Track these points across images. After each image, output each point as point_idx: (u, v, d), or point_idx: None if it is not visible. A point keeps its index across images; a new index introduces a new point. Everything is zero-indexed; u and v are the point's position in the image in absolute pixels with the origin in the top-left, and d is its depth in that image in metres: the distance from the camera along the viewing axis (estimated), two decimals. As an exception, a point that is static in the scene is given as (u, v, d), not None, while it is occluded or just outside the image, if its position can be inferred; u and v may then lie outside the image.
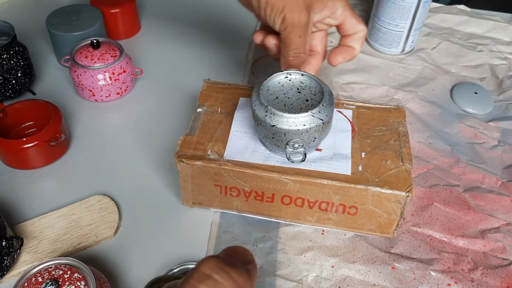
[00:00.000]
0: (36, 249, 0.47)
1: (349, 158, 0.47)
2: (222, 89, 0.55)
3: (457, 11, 0.82)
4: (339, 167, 0.47)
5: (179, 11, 0.82)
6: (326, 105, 0.44)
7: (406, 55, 0.74)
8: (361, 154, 0.48)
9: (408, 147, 0.49)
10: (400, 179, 0.46)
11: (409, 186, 0.45)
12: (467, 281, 0.47)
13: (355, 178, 0.46)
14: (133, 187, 0.54)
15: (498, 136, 0.62)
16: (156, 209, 0.52)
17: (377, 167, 0.47)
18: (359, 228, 0.49)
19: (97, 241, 0.48)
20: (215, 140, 0.49)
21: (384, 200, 0.46)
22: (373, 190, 0.45)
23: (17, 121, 0.58)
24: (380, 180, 0.46)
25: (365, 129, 0.51)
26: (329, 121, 0.45)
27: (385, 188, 0.45)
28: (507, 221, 0.52)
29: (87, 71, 0.61)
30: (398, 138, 0.49)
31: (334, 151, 0.48)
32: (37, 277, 0.40)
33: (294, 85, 0.46)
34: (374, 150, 0.48)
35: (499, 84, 0.70)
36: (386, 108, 0.53)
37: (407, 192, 0.45)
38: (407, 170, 0.46)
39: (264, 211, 0.50)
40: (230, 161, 0.47)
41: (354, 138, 0.50)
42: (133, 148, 0.59)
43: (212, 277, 0.25)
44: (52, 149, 0.55)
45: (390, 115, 0.52)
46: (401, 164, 0.47)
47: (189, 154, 0.48)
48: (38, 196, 0.53)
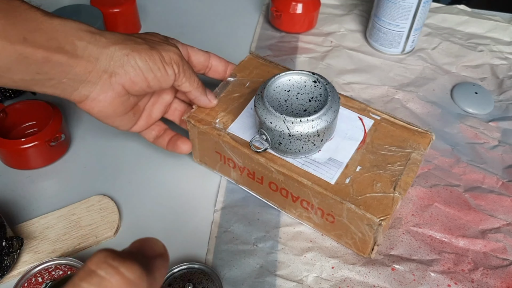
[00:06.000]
0: (36, 249, 0.47)
1: (341, 168, 0.46)
2: (261, 64, 0.56)
3: (457, 11, 0.82)
4: (326, 173, 0.45)
5: (179, 11, 0.82)
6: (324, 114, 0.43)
7: (407, 55, 0.74)
8: (357, 167, 0.46)
9: (410, 176, 0.45)
10: (381, 205, 0.43)
11: (387, 215, 0.42)
12: (467, 282, 0.47)
13: (336, 189, 0.44)
14: (133, 187, 0.54)
15: (499, 136, 0.62)
16: (156, 209, 0.52)
17: (365, 186, 0.44)
18: (337, 237, 0.48)
19: (97, 241, 0.48)
20: (228, 111, 0.51)
21: (358, 220, 0.44)
22: (347, 206, 0.43)
23: (17, 121, 0.58)
24: (360, 199, 0.43)
25: (377, 143, 0.48)
26: (326, 130, 0.44)
27: (359, 208, 0.43)
28: (508, 221, 0.52)
29: (87, 71, 0.61)
30: (405, 164, 0.46)
31: (331, 156, 0.47)
32: (37, 277, 0.40)
33: (302, 86, 0.46)
34: (372, 167, 0.46)
35: (500, 84, 0.70)
36: (411, 129, 0.49)
37: (381, 220, 0.42)
38: (394, 199, 0.43)
39: (256, 189, 0.51)
40: (230, 135, 0.49)
41: (359, 149, 0.47)
42: (133, 148, 0.59)
43: (97, 273, 0.23)
44: (52, 149, 0.55)
45: (411, 137, 0.48)
46: (391, 191, 0.44)
47: (200, 117, 0.50)
48: (38, 196, 0.53)
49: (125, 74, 0.43)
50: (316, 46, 0.75)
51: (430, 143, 0.48)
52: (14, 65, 0.37)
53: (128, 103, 0.47)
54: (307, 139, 0.44)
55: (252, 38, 0.77)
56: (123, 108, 0.46)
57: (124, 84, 0.44)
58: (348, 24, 0.80)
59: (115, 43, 0.42)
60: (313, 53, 0.74)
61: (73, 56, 0.40)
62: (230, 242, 0.49)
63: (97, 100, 0.44)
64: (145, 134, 0.53)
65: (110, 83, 0.43)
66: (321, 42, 0.76)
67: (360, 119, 0.50)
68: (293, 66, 0.71)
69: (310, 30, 0.78)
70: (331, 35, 0.77)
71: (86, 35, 0.41)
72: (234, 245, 0.49)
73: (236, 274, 0.46)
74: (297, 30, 0.77)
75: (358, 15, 0.82)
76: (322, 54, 0.73)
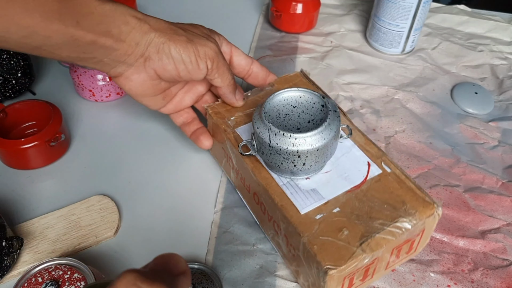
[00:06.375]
0: (36, 249, 0.47)
1: (318, 202, 0.43)
2: (303, 82, 0.55)
3: (457, 11, 0.82)
4: (301, 201, 0.43)
5: (179, 11, 0.82)
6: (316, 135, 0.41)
7: (407, 55, 0.74)
8: (336, 208, 0.42)
9: (386, 240, 0.40)
10: (337, 254, 0.39)
11: (337, 266, 0.38)
12: (467, 282, 0.47)
13: (301, 220, 0.41)
14: (133, 187, 0.54)
15: (499, 137, 0.62)
16: (156, 209, 0.52)
17: (332, 229, 0.41)
18: (297, 274, 0.45)
19: (97, 241, 0.48)
20: (246, 113, 0.51)
21: (310, 260, 0.40)
22: (303, 240, 0.40)
23: (17, 121, 0.58)
24: (319, 239, 0.40)
25: (370, 194, 0.43)
26: (309, 155, 0.42)
27: (312, 247, 0.39)
28: (508, 222, 0.52)
29: (87, 71, 0.61)
30: (387, 225, 0.41)
31: (316, 187, 0.44)
32: (37, 277, 0.40)
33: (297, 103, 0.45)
34: (351, 215, 0.42)
35: (500, 84, 0.70)
36: (417, 194, 0.43)
37: (328, 268, 0.38)
38: (354, 254, 0.39)
39: (245, 196, 0.51)
40: (235, 134, 0.49)
41: (349, 192, 0.44)
42: (133, 148, 0.59)
43: None
44: (52, 149, 0.55)
45: (411, 202, 0.43)
46: (355, 245, 0.39)
47: (218, 110, 0.51)
48: (38, 196, 0.53)
49: (158, 61, 0.45)
50: (316, 46, 0.75)
51: (431, 216, 0.42)
52: (64, 45, 0.40)
53: (159, 87, 0.49)
54: (286, 156, 0.42)
55: (252, 38, 0.77)
56: (153, 90, 0.49)
57: (156, 69, 0.46)
58: (348, 24, 0.80)
59: (156, 30, 0.45)
60: (313, 53, 0.74)
61: (118, 40, 0.43)
62: (230, 242, 0.49)
63: (130, 79, 0.47)
64: (174, 117, 0.55)
65: (144, 66, 0.46)
66: (321, 42, 0.76)
67: (368, 165, 0.46)
68: (293, 66, 0.71)
69: (310, 30, 0.78)
70: (331, 35, 0.77)
71: (132, 20, 0.43)
72: (234, 245, 0.49)
73: (236, 274, 0.46)
74: (297, 30, 0.77)
75: (358, 15, 0.82)
76: (322, 54, 0.73)
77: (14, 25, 0.36)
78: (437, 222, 0.43)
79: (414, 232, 0.42)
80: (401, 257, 0.45)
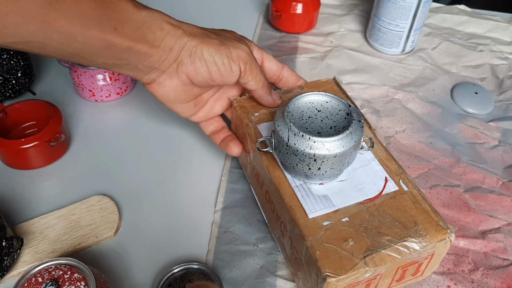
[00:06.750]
0: (36, 249, 0.47)
1: (328, 209, 0.42)
2: (333, 90, 0.55)
3: (457, 11, 0.82)
4: (311, 205, 0.42)
5: (179, 11, 0.82)
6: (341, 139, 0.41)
7: (407, 55, 0.74)
8: (345, 218, 0.42)
9: (391, 257, 0.39)
10: (338, 263, 0.38)
11: (336, 275, 0.37)
12: (467, 282, 0.47)
13: (308, 224, 0.41)
14: (133, 187, 0.54)
15: (499, 136, 0.62)
16: (156, 209, 0.52)
17: (338, 237, 0.40)
18: (297, 278, 0.44)
19: (97, 241, 0.48)
20: (271, 111, 0.51)
21: (311, 265, 0.39)
22: (307, 243, 0.40)
23: (17, 121, 0.58)
24: (323, 246, 0.39)
25: (383, 209, 0.42)
26: (325, 160, 0.41)
27: (314, 252, 0.39)
28: (508, 221, 0.52)
29: (87, 71, 0.61)
30: (395, 243, 0.40)
31: (328, 194, 0.44)
32: (37, 277, 0.40)
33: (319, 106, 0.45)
34: (359, 227, 0.41)
35: (500, 84, 0.70)
36: (431, 217, 0.42)
37: (327, 275, 0.37)
38: (356, 266, 0.38)
39: (257, 193, 0.50)
40: (256, 129, 0.49)
41: (362, 204, 0.43)
42: (133, 148, 0.59)
43: None
44: (52, 149, 0.55)
45: (424, 224, 0.41)
46: (359, 257, 0.38)
47: (244, 104, 0.52)
48: (38, 196, 0.53)
49: (191, 64, 0.45)
50: (316, 46, 0.75)
51: (442, 241, 0.41)
52: (101, 51, 0.40)
53: (191, 93, 0.49)
54: (302, 158, 0.41)
55: (252, 38, 0.77)
56: (185, 96, 0.49)
57: (188, 73, 0.46)
58: (348, 24, 0.80)
59: (189, 34, 0.45)
60: (313, 53, 0.74)
61: (153, 46, 0.43)
62: (231, 242, 0.49)
63: (162, 85, 0.47)
64: (204, 126, 0.55)
65: (176, 71, 0.46)
66: (321, 42, 0.76)
67: (385, 180, 0.45)
68: (293, 66, 0.71)
69: (310, 30, 0.78)
70: (331, 35, 0.77)
71: (166, 26, 0.44)
72: (235, 245, 0.49)
73: (237, 274, 0.46)
74: (297, 30, 0.77)
75: (358, 15, 0.82)
76: (322, 54, 0.73)
77: (55, 32, 0.36)
78: (448, 248, 0.42)
79: (422, 254, 0.41)
80: (406, 278, 0.43)
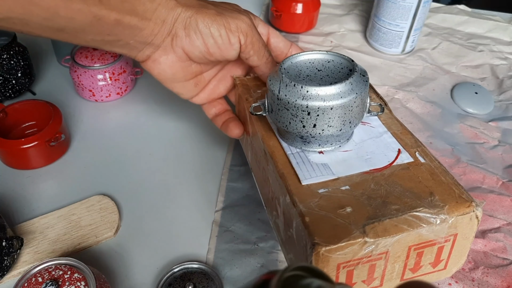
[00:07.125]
0: (36, 249, 0.47)
1: (326, 177, 0.37)
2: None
3: (457, 11, 0.82)
4: (305, 172, 0.37)
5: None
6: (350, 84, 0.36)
7: (407, 55, 0.74)
8: (345, 186, 0.36)
9: (398, 228, 0.32)
10: (333, 232, 0.32)
11: (328, 245, 0.31)
12: (468, 281, 0.47)
13: (300, 191, 0.36)
14: (133, 187, 0.54)
15: (499, 136, 0.62)
16: (156, 209, 0.52)
17: (333, 205, 0.34)
18: (291, 262, 0.38)
19: (97, 241, 0.48)
20: None
21: (301, 236, 0.34)
22: (297, 210, 0.34)
23: (17, 121, 0.58)
24: (315, 213, 0.33)
25: (392, 180, 0.36)
26: (321, 113, 0.36)
27: (304, 219, 0.33)
28: (508, 221, 0.52)
29: (87, 71, 0.61)
30: (403, 212, 0.33)
31: (328, 163, 0.39)
32: (37, 277, 0.40)
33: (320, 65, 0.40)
34: (361, 195, 0.35)
35: (500, 84, 0.70)
36: (451, 189, 0.36)
37: (317, 244, 0.31)
38: (353, 235, 0.32)
39: (257, 176, 0.46)
40: (255, 104, 0.46)
41: (368, 173, 0.37)
42: (133, 148, 0.59)
43: None
44: (52, 149, 0.55)
45: (443, 195, 0.35)
46: (358, 225, 0.32)
47: (247, 83, 0.49)
48: (38, 196, 0.53)
49: (186, 37, 0.42)
50: (316, 46, 0.75)
51: (465, 215, 0.34)
52: (88, 26, 0.38)
53: (189, 70, 0.46)
54: (294, 112, 0.37)
55: (252, 38, 0.77)
56: (183, 74, 0.46)
57: (184, 47, 0.43)
58: (348, 24, 0.80)
59: (183, 5, 0.41)
60: (313, 53, 0.74)
61: (143, 18, 0.40)
62: (231, 241, 0.49)
63: (158, 61, 0.44)
64: (206, 108, 0.52)
65: (171, 45, 0.43)
66: (321, 42, 0.76)
67: (398, 152, 0.39)
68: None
69: (310, 30, 0.78)
70: (331, 35, 0.78)
71: None
72: (235, 244, 0.49)
73: (237, 273, 0.46)
74: (297, 30, 0.77)
75: (358, 15, 0.82)
76: (322, 54, 0.73)
77: (35, 6, 0.34)
78: (476, 229, 0.35)
79: (440, 232, 0.33)
80: (423, 267, 0.36)
